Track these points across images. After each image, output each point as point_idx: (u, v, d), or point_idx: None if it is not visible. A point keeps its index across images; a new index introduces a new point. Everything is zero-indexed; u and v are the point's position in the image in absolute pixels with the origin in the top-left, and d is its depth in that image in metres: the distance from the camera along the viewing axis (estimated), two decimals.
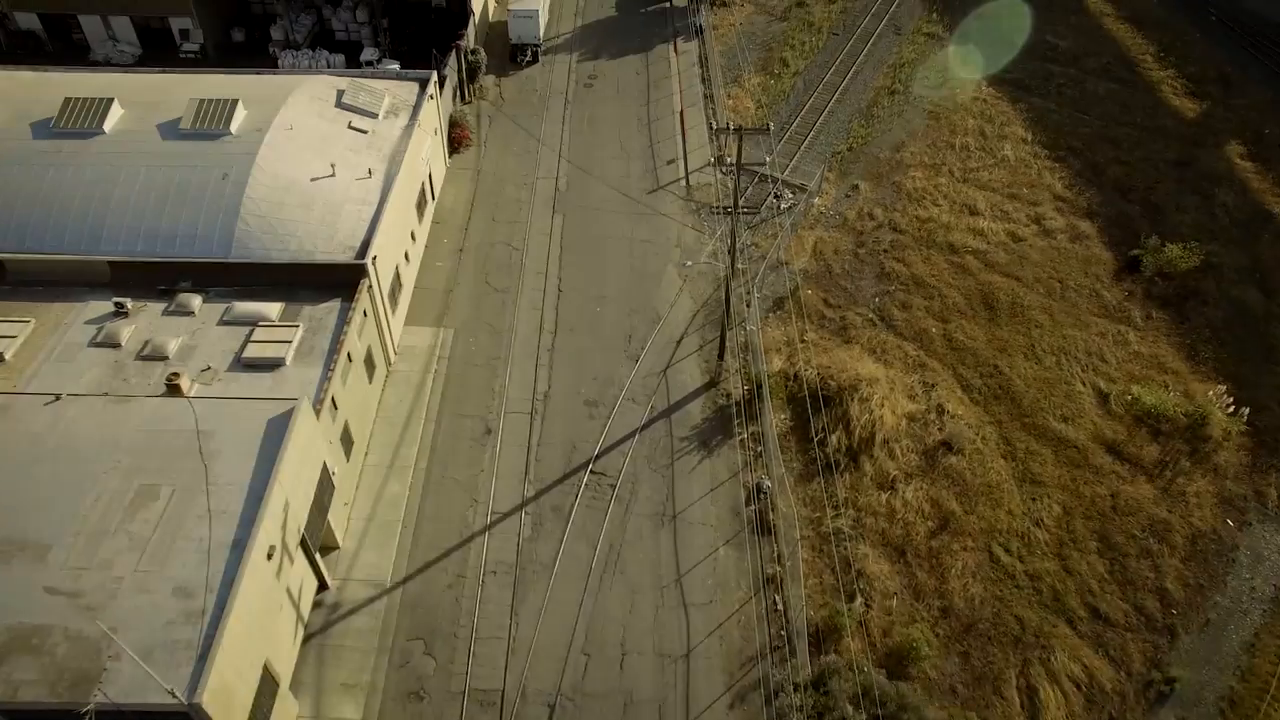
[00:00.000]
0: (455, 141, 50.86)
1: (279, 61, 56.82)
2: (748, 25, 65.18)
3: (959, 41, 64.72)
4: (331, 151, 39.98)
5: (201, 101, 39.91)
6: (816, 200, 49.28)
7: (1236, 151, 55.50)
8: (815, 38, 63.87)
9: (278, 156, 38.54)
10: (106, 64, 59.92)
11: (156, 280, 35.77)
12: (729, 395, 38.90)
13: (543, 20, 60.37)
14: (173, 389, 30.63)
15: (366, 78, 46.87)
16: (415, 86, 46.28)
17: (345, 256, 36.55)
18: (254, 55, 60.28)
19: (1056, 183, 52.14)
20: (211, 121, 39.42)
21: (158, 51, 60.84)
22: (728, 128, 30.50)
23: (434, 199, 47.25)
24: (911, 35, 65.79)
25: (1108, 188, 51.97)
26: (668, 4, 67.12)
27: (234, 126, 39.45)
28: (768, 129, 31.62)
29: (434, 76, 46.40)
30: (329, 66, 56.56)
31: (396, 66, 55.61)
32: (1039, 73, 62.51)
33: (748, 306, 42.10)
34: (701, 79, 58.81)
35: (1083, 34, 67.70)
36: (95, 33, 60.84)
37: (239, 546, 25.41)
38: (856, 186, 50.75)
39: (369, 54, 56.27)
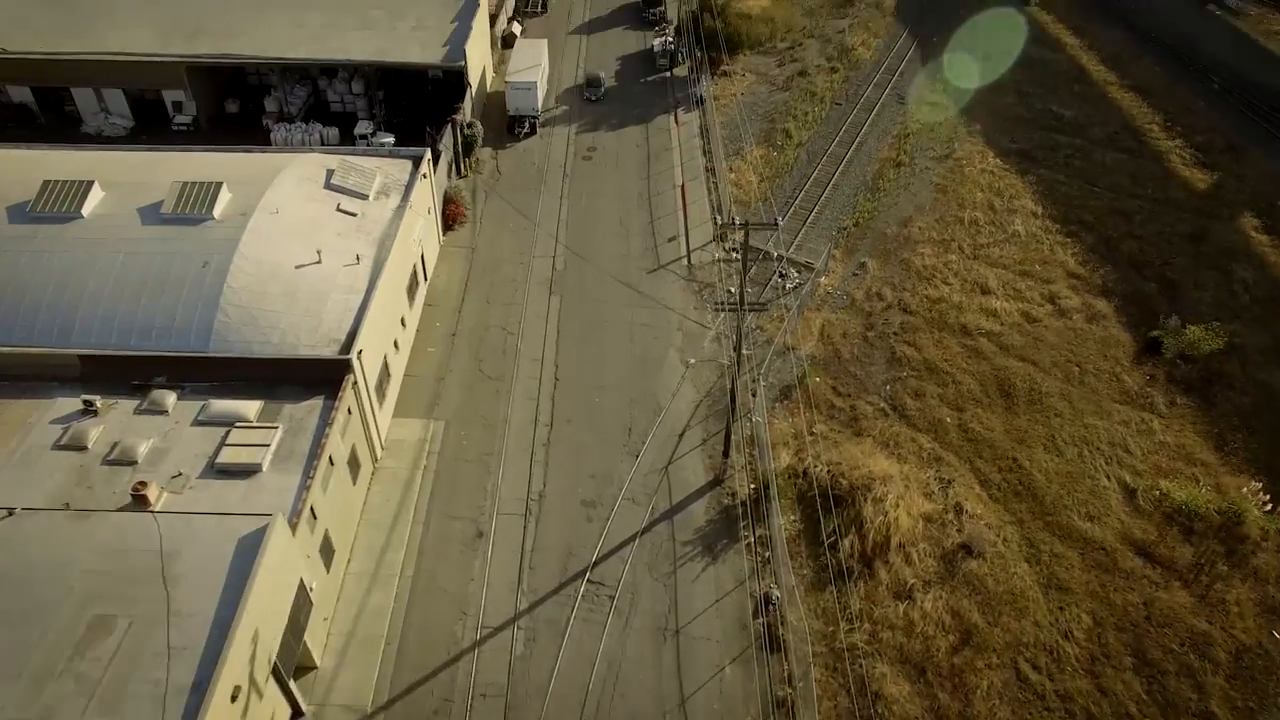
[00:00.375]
0: (450, 218, 49.41)
1: (271, 135, 55.68)
2: (749, 95, 64.28)
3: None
4: (319, 236, 38.38)
5: (184, 184, 38.42)
6: (823, 280, 47.61)
7: (1251, 224, 54.13)
8: (818, 108, 62.92)
9: (262, 243, 36.91)
10: (98, 137, 58.94)
11: (129, 375, 33.82)
12: (734, 494, 36.73)
13: (541, 92, 59.45)
14: (139, 499, 28.54)
15: (359, 155, 45.54)
16: (408, 164, 44.91)
17: (330, 350, 34.67)
18: (248, 127, 59.28)
19: (1069, 259, 50.59)
20: (194, 205, 37.88)
21: (151, 124, 59.85)
22: (733, 222, 28.73)
23: (426, 280, 45.60)
24: (916, 105, 64.88)
25: (1122, 263, 50.41)
26: (668, 74, 66.31)
27: (217, 210, 37.89)
28: (777, 224, 29.98)
29: (427, 154, 45.07)
30: (322, 140, 55.43)
31: (391, 140, 54.50)
32: (1045, 143, 61.48)
33: (754, 396, 40.11)
34: (703, 151, 57.65)
35: (1087, 103, 66.90)
36: (88, 105, 59.87)
37: (200, 689, 23.07)
38: (864, 264, 49.16)
39: (363, 127, 55.17)
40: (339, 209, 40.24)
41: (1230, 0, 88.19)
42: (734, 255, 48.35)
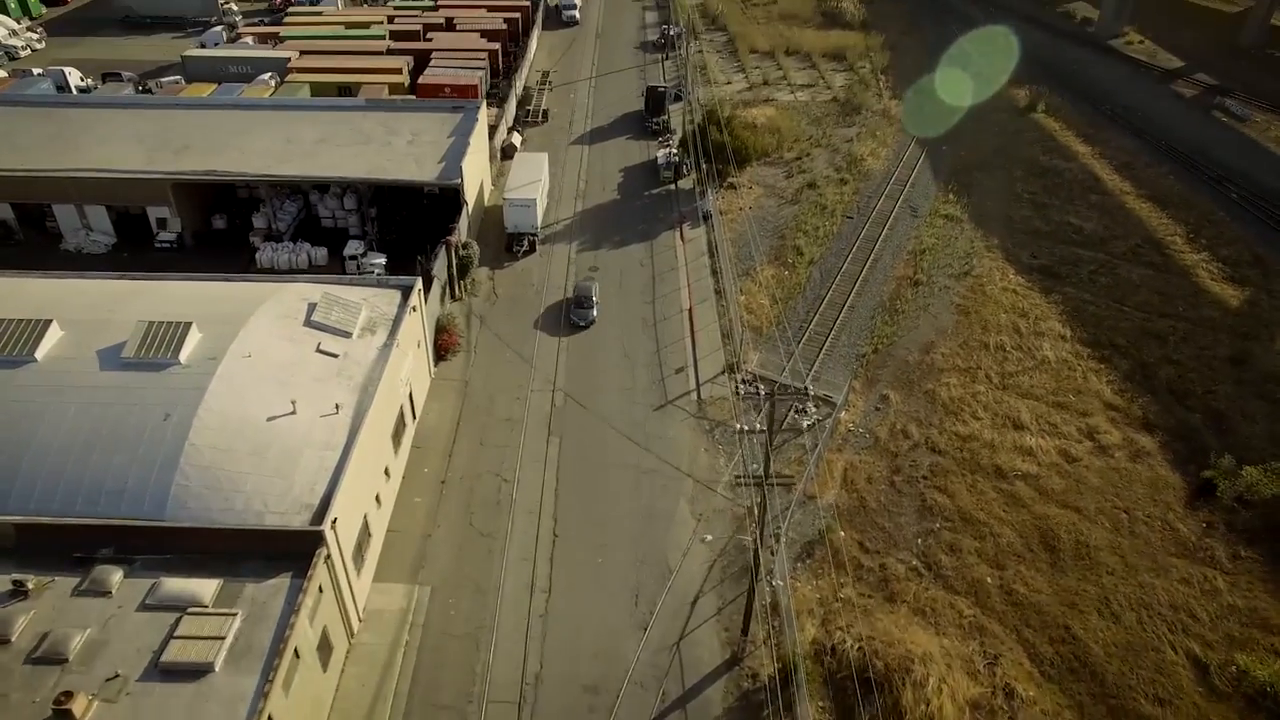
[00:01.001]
0: (442, 348, 46.19)
1: (257, 255, 52.96)
2: (758, 209, 61.97)
3: (975, 217, 61.56)
4: (295, 382, 34.95)
5: (149, 325, 35.19)
6: (843, 415, 44.07)
7: None
8: (829, 222, 60.53)
9: (230, 392, 33.45)
10: (78, 254, 56.37)
11: (71, 547, 29.91)
12: (755, 676, 32.38)
13: (540, 208, 57.00)
14: (61, 714, 24.35)
15: (344, 285, 42.53)
16: (397, 296, 41.83)
17: (300, 518, 30.82)
18: (234, 244, 56.82)
19: (1105, 387, 47.21)
20: (159, 349, 34.56)
21: (133, 240, 57.43)
22: (757, 390, 25.34)
23: (415, 419, 42.06)
24: (929, 218, 62.63)
25: (1161, 391, 47.03)
26: (673, 186, 64.14)
27: (184, 354, 34.56)
28: (807, 392, 26.62)
29: (418, 284, 42.04)
30: (310, 261, 52.73)
31: (382, 261, 51.84)
32: (1068, 258, 58.92)
33: (774, 555, 36.10)
34: (711, 270, 54.82)
35: (1106, 214, 64.72)
36: (69, 222, 57.47)
37: None
38: (886, 397, 45.72)
39: (353, 248, 52.47)
40: (319, 350, 36.94)
41: (1235, 107, 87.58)
42: (752, 388, 44.99)
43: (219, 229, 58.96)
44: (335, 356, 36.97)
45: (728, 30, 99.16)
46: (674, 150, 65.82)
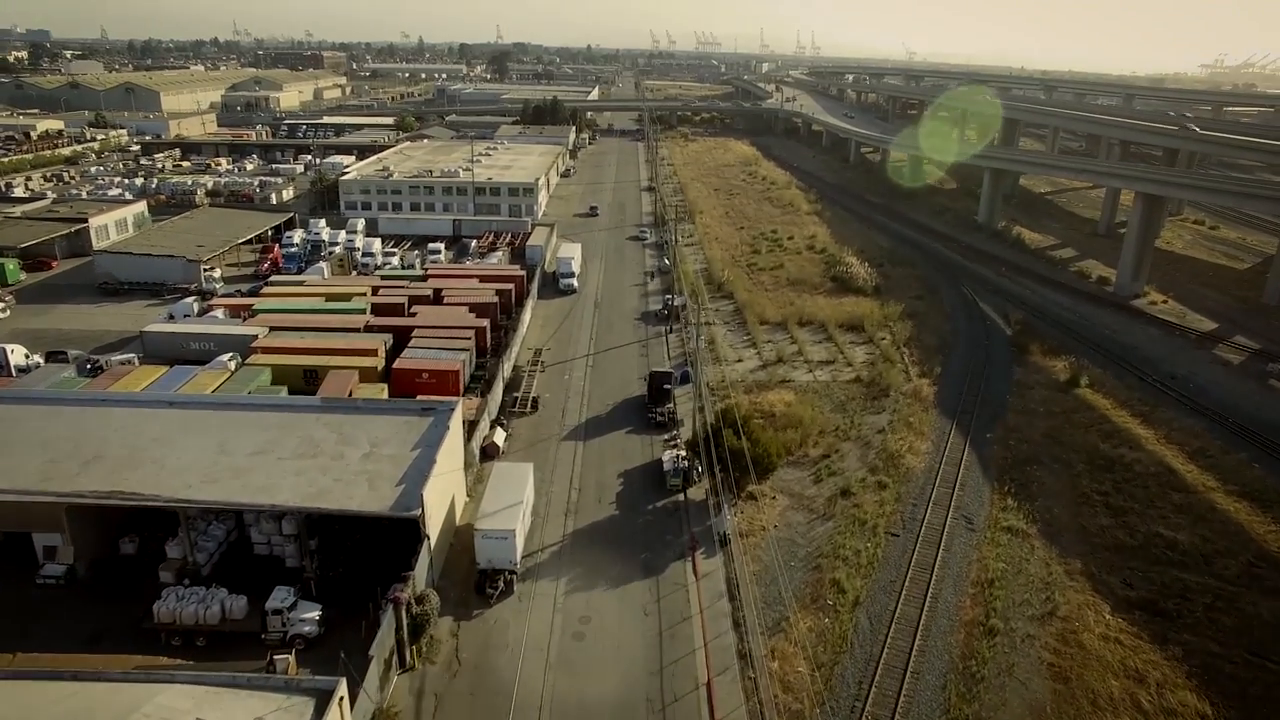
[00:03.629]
0: None
1: (156, 606, 41.61)
2: (784, 527, 51.23)
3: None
4: None
5: None
6: None
7: None
8: (871, 543, 49.65)
9: None
10: None
11: None
12: None
13: (521, 539, 46.15)
14: None
15: (243, 684, 30.94)
16: (309, 709, 29.99)
17: None
18: (143, 574, 45.86)
19: None
20: None
21: (14, 569, 46.37)
22: None
23: None
24: (990, 532, 51.94)
25: None
26: (681, 497, 53.75)
27: None
28: None
29: (340, 692, 30.41)
30: (223, 613, 41.40)
31: (315, 616, 40.87)
32: (1171, 586, 47.78)
33: None
34: (733, 621, 43.13)
35: (1198, 522, 54.29)
36: None
37: None
38: None
39: (279, 598, 41.01)
40: None
41: None
42: None
43: (127, 554, 48.24)
44: None
45: (734, 298, 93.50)
46: (682, 453, 56.15)
